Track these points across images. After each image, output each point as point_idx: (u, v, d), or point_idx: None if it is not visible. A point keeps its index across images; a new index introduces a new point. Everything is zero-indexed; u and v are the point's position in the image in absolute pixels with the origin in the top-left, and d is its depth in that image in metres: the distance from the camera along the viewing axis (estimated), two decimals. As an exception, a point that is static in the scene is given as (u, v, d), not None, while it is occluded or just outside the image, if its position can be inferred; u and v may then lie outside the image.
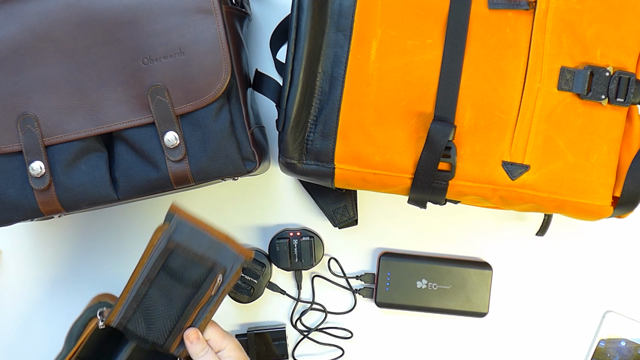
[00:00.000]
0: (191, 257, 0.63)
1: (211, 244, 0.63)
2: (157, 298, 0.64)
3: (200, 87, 0.64)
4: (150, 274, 0.63)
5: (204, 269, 0.63)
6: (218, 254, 0.63)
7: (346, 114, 0.64)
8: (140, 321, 0.64)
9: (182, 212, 0.63)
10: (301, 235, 0.79)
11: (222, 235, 0.63)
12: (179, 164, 0.66)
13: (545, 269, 0.81)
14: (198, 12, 0.64)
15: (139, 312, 0.64)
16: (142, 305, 0.64)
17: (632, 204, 0.66)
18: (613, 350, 0.80)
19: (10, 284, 0.82)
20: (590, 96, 0.64)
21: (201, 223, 0.63)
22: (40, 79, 0.65)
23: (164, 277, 0.63)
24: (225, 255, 0.63)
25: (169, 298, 0.64)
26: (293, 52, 0.64)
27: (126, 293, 0.63)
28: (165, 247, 0.63)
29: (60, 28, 0.64)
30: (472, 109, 0.63)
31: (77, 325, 0.67)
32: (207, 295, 0.63)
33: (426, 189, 0.65)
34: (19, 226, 0.82)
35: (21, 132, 0.65)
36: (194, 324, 0.64)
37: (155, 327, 0.64)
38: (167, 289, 0.64)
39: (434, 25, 0.63)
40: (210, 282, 0.63)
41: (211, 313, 0.64)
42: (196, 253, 0.63)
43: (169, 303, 0.64)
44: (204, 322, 0.64)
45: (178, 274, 0.63)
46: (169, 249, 0.63)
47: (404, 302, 0.79)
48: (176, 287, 0.64)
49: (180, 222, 0.63)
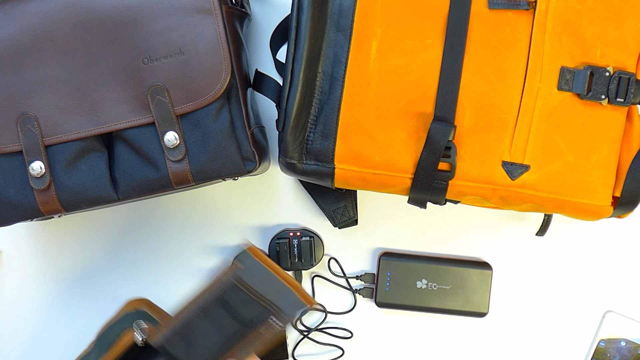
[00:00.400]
0: (253, 297, 0.61)
1: (276, 287, 0.61)
2: (207, 329, 0.62)
3: (200, 87, 0.64)
4: (207, 306, 0.61)
5: (261, 309, 0.61)
6: (281, 298, 0.61)
7: (346, 114, 0.64)
8: (182, 347, 0.62)
9: (256, 252, 0.62)
10: (301, 235, 0.79)
11: (289, 279, 0.62)
12: (179, 164, 0.66)
13: (545, 269, 0.81)
14: (198, 12, 0.64)
15: (183, 338, 0.62)
16: (190, 333, 0.62)
17: (632, 204, 0.66)
18: (613, 350, 0.80)
19: (10, 284, 0.82)
20: (590, 96, 0.64)
21: (271, 264, 0.62)
22: (40, 79, 0.65)
23: (220, 311, 0.62)
24: (287, 300, 0.61)
25: (218, 331, 0.62)
26: (293, 52, 0.64)
27: (177, 318, 0.61)
28: (232, 285, 0.61)
29: (60, 28, 0.64)
30: (472, 109, 0.63)
31: (111, 331, 0.65)
32: (255, 333, 0.61)
33: (426, 189, 0.65)
34: (19, 226, 0.82)
35: (21, 132, 0.65)
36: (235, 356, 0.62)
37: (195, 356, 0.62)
38: (219, 323, 0.62)
39: (434, 25, 0.63)
40: (263, 322, 0.61)
41: (254, 348, 0.62)
42: (260, 294, 0.61)
43: (217, 336, 0.62)
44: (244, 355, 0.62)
45: (235, 311, 0.62)
46: (235, 287, 0.61)
47: (404, 302, 0.79)
48: (229, 322, 0.62)
49: (252, 263, 0.61)
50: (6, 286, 0.82)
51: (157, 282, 0.82)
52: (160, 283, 0.82)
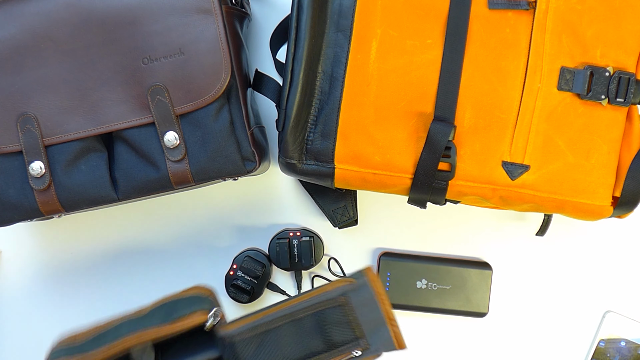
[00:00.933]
0: (350, 320, 0.58)
1: (376, 320, 0.58)
2: (287, 337, 0.58)
3: (200, 87, 0.64)
4: (299, 313, 0.58)
5: (352, 336, 0.58)
6: (375, 333, 0.58)
7: (346, 114, 0.64)
8: (252, 347, 0.58)
9: (373, 277, 0.59)
10: (301, 235, 0.79)
11: (391, 315, 0.58)
12: (179, 164, 0.66)
13: (545, 269, 0.81)
14: (198, 12, 0.64)
15: (258, 337, 0.58)
16: (267, 335, 0.58)
17: (632, 204, 0.66)
18: (613, 350, 0.80)
19: (10, 284, 0.82)
20: (590, 96, 0.64)
21: (381, 294, 0.59)
22: (40, 79, 0.65)
23: (310, 322, 0.58)
24: (380, 337, 0.58)
25: (299, 343, 0.58)
26: (293, 52, 0.64)
27: (261, 315, 0.58)
28: (335, 298, 0.58)
29: (60, 28, 0.64)
30: (472, 109, 0.63)
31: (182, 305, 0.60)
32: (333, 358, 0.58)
33: (426, 189, 0.65)
34: (19, 226, 0.82)
35: (21, 132, 0.65)
36: None
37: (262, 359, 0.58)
38: (303, 335, 0.58)
39: (434, 25, 0.63)
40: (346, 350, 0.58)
41: None
42: (357, 320, 0.58)
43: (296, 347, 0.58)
44: None
45: (324, 328, 0.58)
46: (336, 302, 0.58)
47: (404, 302, 0.79)
48: (313, 337, 0.58)
49: (366, 286, 0.58)
50: (6, 286, 0.82)
51: (157, 282, 0.82)
52: (161, 283, 0.82)
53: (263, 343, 0.57)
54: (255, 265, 0.79)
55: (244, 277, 0.79)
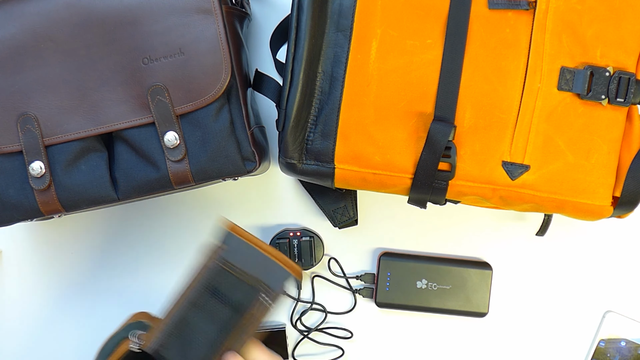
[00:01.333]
0: (240, 277, 0.59)
1: (261, 262, 0.59)
2: (199, 323, 0.59)
3: (200, 87, 0.64)
4: (196, 298, 0.59)
5: (249, 288, 0.59)
6: (266, 272, 0.59)
7: (346, 114, 0.64)
8: (177, 348, 0.60)
9: (237, 230, 0.60)
10: (301, 235, 0.79)
11: (273, 251, 0.59)
12: (179, 164, 0.66)
13: (545, 269, 0.81)
14: (198, 12, 0.64)
15: (177, 338, 0.59)
16: (182, 332, 0.59)
17: (632, 204, 0.66)
18: (613, 350, 0.80)
19: (10, 284, 0.82)
20: (590, 96, 0.64)
21: (253, 239, 0.60)
22: (40, 79, 0.65)
23: (210, 300, 0.59)
24: (272, 273, 0.59)
25: (211, 322, 0.59)
26: (293, 52, 0.64)
27: (168, 318, 0.59)
28: (219, 269, 0.59)
29: (60, 28, 0.64)
30: (472, 109, 0.63)
31: (109, 344, 0.63)
32: (247, 317, 0.59)
33: (426, 189, 0.65)
34: (19, 226, 0.82)
35: (21, 132, 0.65)
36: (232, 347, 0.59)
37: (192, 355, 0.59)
38: (210, 313, 0.59)
39: (434, 25, 0.63)
40: (253, 302, 0.59)
41: (248, 335, 0.59)
42: (246, 272, 0.59)
43: (210, 327, 0.59)
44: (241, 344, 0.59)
45: (224, 296, 0.59)
46: (222, 271, 0.59)
47: (404, 302, 0.79)
48: (220, 309, 0.59)
49: (236, 241, 0.59)
50: (6, 286, 0.82)
51: (157, 282, 0.82)
52: (161, 283, 0.82)
53: (182, 340, 0.59)
54: (255, 265, 0.79)
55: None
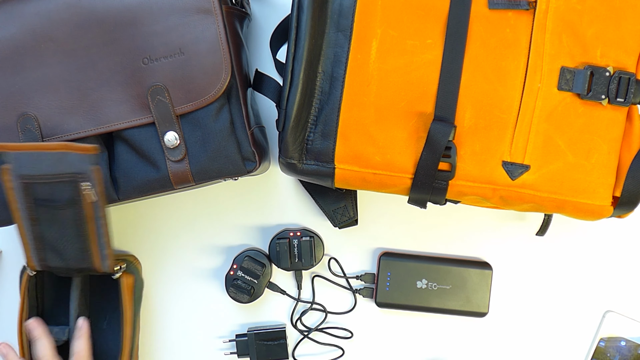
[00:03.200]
0: (48, 180, 0.62)
1: (55, 160, 0.62)
2: (51, 230, 0.65)
3: (200, 87, 0.64)
4: (29, 213, 0.64)
5: (67, 184, 0.63)
6: (67, 165, 0.62)
7: (346, 114, 0.64)
8: (54, 256, 0.66)
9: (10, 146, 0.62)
10: (301, 235, 0.79)
11: (57, 146, 0.62)
12: (179, 164, 0.66)
13: (545, 269, 0.81)
14: (198, 12, 0.64)
15: (47, 249, 0.66)
16: (45, 242, 0.65)
17: (632, 204, 0.66)
18: (613, 350, 0.80)
19: (10, 284, 0.82)
20: (590, 96, 0.64)
21: (33, 146, 0.62)
22: (40, 79, 0.65)
23: (42, 209, 0.64)
24: (73, 162, 0.62)
25: (59, 224, 0.64)
26: (293, 52, 0.64)
27: (24, 239, 0.65)
28: (20, 184, 0.63)
29: (60, 28, 0.64)
30: (472, 109, 0.63)
31: None
32: (88, 206, 0.64)
33: (426, 189, 0.65)
34: (19, 226, 0.82)
35: (21, 132, 0.65)
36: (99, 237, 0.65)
37: (69, 256, 0.66)
38: (52, 218, 0.64)
39: (434, 25, 0.63)
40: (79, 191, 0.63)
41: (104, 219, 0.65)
42: (49, 174, 0.62)
43: (63, 229, 0.65)
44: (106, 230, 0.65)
45: (51, 201, 0.63)
46: (27, 185, 0.63)
47: (404, 302, 0.79)
48: (58, 212, 0.64)
49: (15, 156, 0.62)
50: (6, 286, 0.82)
51: (157, 281, 0.82)
52: (161, 282, 0.82)
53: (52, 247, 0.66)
54: (255, 265, 0.79)
55: (244, 277, 0.79)
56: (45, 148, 0.61)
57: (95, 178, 0.62)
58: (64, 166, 0.62)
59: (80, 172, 0.62)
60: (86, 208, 0.64)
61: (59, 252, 0.66)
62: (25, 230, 0.65)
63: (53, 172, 0.62)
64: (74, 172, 0.62)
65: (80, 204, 0.64)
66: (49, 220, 0.65)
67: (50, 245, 0.66)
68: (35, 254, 0.67)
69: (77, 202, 0.64)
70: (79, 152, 0.62)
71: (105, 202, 0.65)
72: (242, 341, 0.81)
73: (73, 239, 0.66)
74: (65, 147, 0.61)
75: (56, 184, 0.63)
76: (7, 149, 0.62)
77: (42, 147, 0.61)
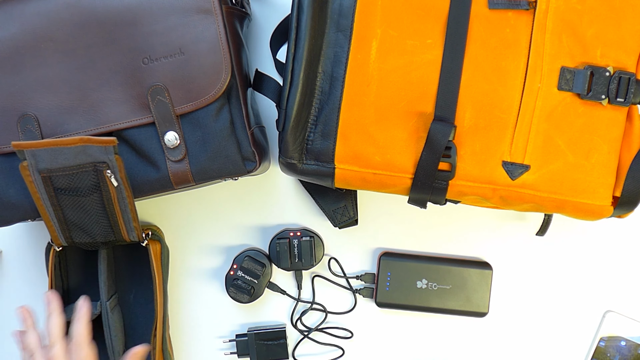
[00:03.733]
0: (69, 172, 0.63)
1: (74, 153, 0.62)
2: (75, 214, 0.66)
3: (200, 87, 0.64)
4: (51, 201, 0.64)
5: (88, 173, 0.63)
6: (88, 156, 0.62)
7: (346, 114, 0.64)
8: (81, 234, 0.67)
9: (26, 145, 0.61)
10: (301, 235, 0.79)
11: (77, 140, 0.62)
12: (179, 164, 0.66)
13: (545, 269, 0.81)
14: (198, 12, 0.64)
15: (72, 228, 0.66)
16: (70, 224, 0.66)
17: (632, 204, 0.66)
18: (613, 349, 0.80)
19: (10, 284, 0.82)
20: (590, 96, 0.64)
21: (51, 142, 0.62)
22: (40, 79, 0.65)
23: (64, 197, 0.64)
24: (94, 153, 0.62)
25: (84, 209, 0.65)
26: (293, 52, 0.64)
27: (47, 221, 0.66)
28: (41, 178, 0.63)
29: (60, 28, 0.64)
30: (472, 109, 0.63)
31: None
32: (111, 191, 0.64)
33: (426, 189, 0.65)
34: (19, 226, 0.82)
35: (21, 132, 0.65)
36: (124, 214, 0.67)
37: (95, 232, 0.67)
38: (76, 204, 0.65)
39: (434, 25, 0.63)
40: (103, 179, 0.63)
41: (129, 198, 0.65)
42: (70, 166, 0.62)
43: (88, 212, 0.66)
44: (132, 207, 0.66)
45: (73, 189, 0.64)
46: (46, 178, 0.63)
47: (404, 302, 0.79)
48: (81, 199, 0.65)
49: (34, 153, 0.62)
50: (6, 286, 0.82)
51: (157, 282, 0.82)
52: (160, 283, 0.82)
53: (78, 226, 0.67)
54: (255, 265, 0.79)
55: (244, 277, 0.79)
56: (63, 143, 0.61)
57: (118, 166, 0.63)
58: (85, 157, 0.62)
59: (101, 161, 0.63)
60: (110, 192, 0.64)
61: (85, 230, 0.67)
62: (49, 215, 0.66)
63: (73, 163, 0.62)
64: (94, 162, 0.63)
65: (104, 190, 0.64)
66: (72, 206, 0.65)
67: (76, 225, 0.67)
68: (61, 233, 0.67)
69: (100, 188, 0.64)
70: (100, 145, 0.62)
71: (128, 184, 0.65)
72: (242, 341, 0.81)
73: (99, 219, 0.66)
74: (84, 141, 0.61)
75: (77, 174, 0.63)
76: (24, 147, 0.61)
77: (61, 143, 0.61)
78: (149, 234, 0.72)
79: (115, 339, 0.73)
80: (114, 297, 0.75)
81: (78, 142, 0.61)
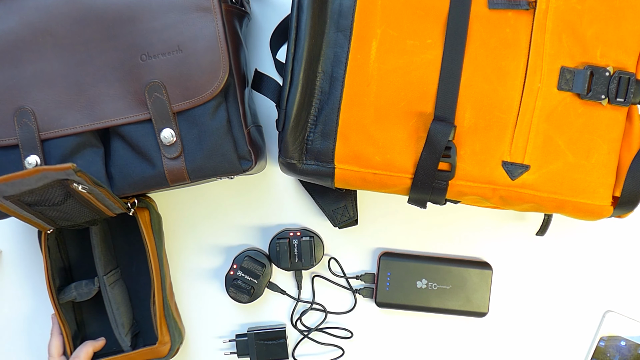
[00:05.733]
0: (37, 192, 0.61)
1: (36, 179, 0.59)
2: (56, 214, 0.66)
3: (197, 85, 0.64)
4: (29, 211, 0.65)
5: (56, 189, 0.61)
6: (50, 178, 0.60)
7: (346, 114, 0.64)
8: (65, 222, 0.68)
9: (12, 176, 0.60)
10: (301, 235, 0.79)
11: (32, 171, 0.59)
12: (174, 161, 0.66)
13: (545, 269, 0.81)
14: (197, 10, 0.64)
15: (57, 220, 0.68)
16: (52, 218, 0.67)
17: (632, 204, 0.66)
18: (613, 349, 0.80)
19: (10, 284, 0.82)
20: (590, 96, 0.64)
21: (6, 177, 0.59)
22: (38, 73, 0.65)
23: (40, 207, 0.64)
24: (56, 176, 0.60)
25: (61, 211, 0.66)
26: (293, 52, 0.64)
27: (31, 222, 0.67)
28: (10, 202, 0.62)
29: (59, 23, 0.64)
30: (472, 109, 0.63)
31: None
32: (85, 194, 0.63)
33: (426, 189, 0.65)
34: (19, 226, 0.82)
35: (18, 125, 0.65)
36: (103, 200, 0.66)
37: (78, 219, 0.68)
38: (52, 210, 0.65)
39: (434, 25, 0.63)
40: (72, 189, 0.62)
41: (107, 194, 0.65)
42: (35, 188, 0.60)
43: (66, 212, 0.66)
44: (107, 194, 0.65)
45: (46, 201, 0.63)
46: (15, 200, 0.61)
47: (404, 302, 0.79)
48: (57, 206, 0.65)
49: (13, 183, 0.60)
50: (6, 286, 0.82)
51: (157, 281, 0.82)
52: (160, 283, 0.82)
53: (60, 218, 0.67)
54: (255, 265, 0.79)
55: (244, 277, 0.79)
56: (20, 176, 0.59)
57: (84, 179, 0.61)
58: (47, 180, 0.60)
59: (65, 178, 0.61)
60: (84, 196, 0.64)
61: (69, 220, 0.68)
62: (31, 219, 0.66)
63: (37, 186, 0.60)
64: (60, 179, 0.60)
65: (77, 196, 0.64)
66: (50, 210, 0.65)
67: (59, 218, 0.67)
68: (46, 224, 0.68)
69: (73, 195, 0.64)
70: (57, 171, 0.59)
71: (102, 186, 0.63)
72: (242, 341, 0.81)
73: (80, 213, 0.67)
74: (41, 171, 0.59)
75: (45, 191, 0.61)
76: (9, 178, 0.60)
77: (17, 176, 0.59)
78: (134, 203, 0.72)
79: (117, 312, 0.74)
80: (115, 272, 0.76)
81: (34, 173, 0.59)
